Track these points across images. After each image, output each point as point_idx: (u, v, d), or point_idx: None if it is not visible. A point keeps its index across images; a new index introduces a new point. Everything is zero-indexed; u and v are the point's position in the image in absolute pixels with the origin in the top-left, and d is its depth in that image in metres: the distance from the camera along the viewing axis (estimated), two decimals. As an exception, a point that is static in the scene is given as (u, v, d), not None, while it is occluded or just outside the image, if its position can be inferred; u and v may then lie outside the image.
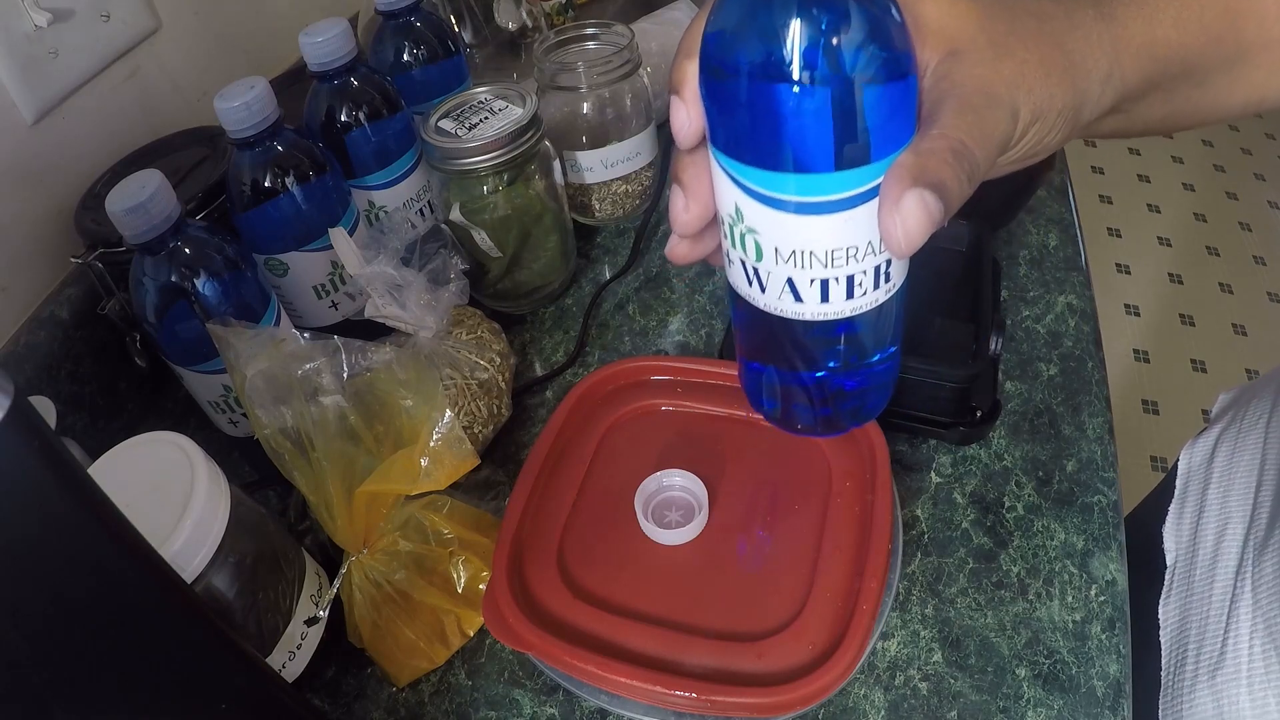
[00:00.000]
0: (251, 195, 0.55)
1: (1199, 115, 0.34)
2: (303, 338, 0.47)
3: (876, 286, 0.28)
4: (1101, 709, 0.45)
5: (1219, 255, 2.21)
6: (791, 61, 0.23)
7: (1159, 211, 2.36)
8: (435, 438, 0.46)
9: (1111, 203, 2.39)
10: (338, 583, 0.48)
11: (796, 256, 0.27)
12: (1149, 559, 0.58)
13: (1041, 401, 0.59)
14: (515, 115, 0.61)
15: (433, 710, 0.48)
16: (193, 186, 0.58)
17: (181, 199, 0.48)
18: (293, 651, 0.45)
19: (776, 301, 0.28)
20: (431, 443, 0.46)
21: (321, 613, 0.47)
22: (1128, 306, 2.09)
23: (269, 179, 0.54)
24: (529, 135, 0.61)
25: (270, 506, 0.55)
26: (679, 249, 0.31)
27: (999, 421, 0.58)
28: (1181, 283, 2.15)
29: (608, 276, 0.72)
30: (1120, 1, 0.30)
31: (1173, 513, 0.59)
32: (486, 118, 0.62)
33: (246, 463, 0.59)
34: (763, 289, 0.28)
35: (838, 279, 0.27)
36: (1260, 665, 0.46)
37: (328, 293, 0.61)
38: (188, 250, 0.48)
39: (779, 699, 0.41)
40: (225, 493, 0.41)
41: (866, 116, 0.24)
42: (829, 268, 0.27)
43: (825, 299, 0.28)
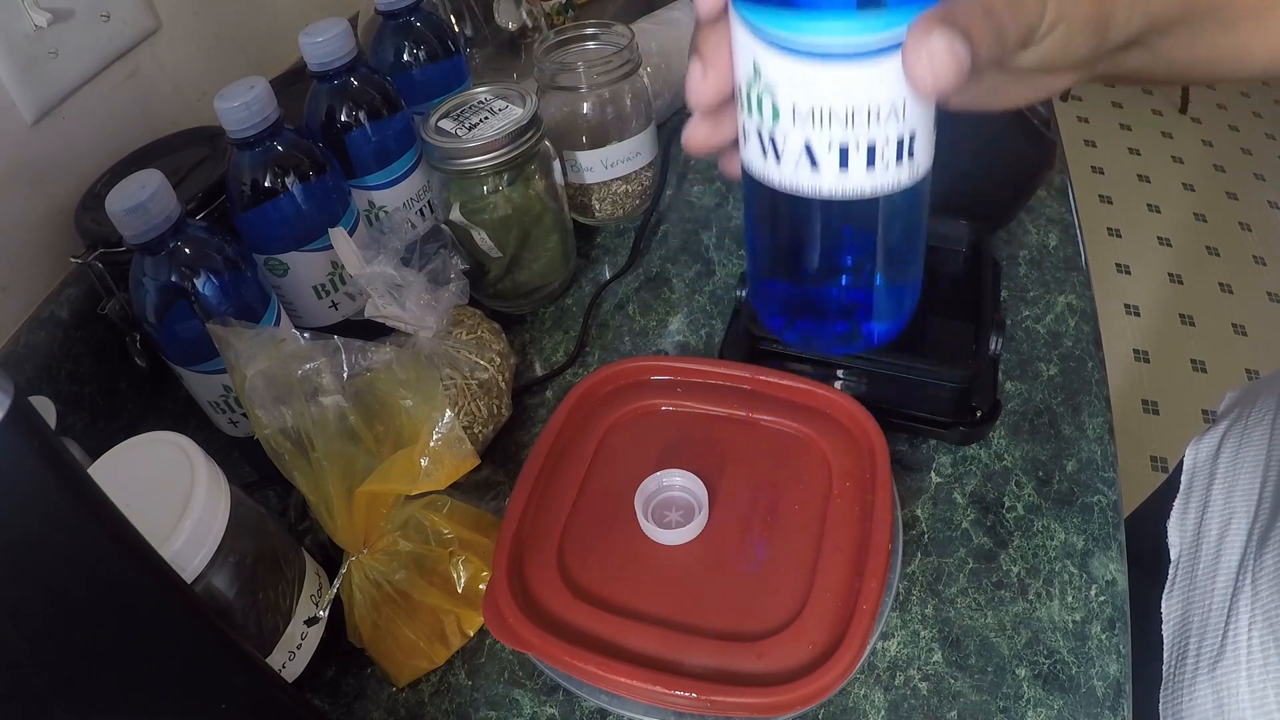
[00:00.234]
0: (251, 195, 0.55)
1: (1224, 65, 0.34)
2: (303, 338, 0.47)
3: (899, 161, 0.27)
4: (1101, 709, 0.45)
5: (1219, 255, 2.22)
6: None
7: (1159, 211, 2.36)
8: (435, 438, 0.46)
9: (1111, 203, 2.39)
10: (338, 583, 0.48)
11: (815, 114, 0.26)
12: (1153, 557, 0.58)
13: (1041, 401, 0.59)
14: (515, 115, 0.61)
15: (433, 710, 0.48)
16: (193, 186, 0.58)
17: (181, 199, 0.48)
18: (293, 651, 0.45)
19: (793, 173, 0.27)
20: (431, 443, 0.46)
21: (321, 613, 0.47)
22: (1128, 306, 2.09)
23: (269, 179, 0.54)
24: (529, 135, 0.61)
25: (270, 506, 0.55)
26: (697, 132, 0.30)
27: (999, 421, 0.58)
28: (1181, 283, 2.15)
29: (608, 276, 0.72)
30: None
31: (1177, 507, 0.59)
32: (486, 118, 0.62)
33: (246, 463, 0.59)
34: (778, 158, 0.27)
35: (858, 144, 0.26)
36: (1259, 657, 0.47)
37: (328, 293, 0.61)
38: (188, 250, 0.48)
39: (779, 699, 0.41)
40: (225, 493, 0.41)
41: None
42: (849, 128, 0.26)
43: (844, 165, 0.27)
